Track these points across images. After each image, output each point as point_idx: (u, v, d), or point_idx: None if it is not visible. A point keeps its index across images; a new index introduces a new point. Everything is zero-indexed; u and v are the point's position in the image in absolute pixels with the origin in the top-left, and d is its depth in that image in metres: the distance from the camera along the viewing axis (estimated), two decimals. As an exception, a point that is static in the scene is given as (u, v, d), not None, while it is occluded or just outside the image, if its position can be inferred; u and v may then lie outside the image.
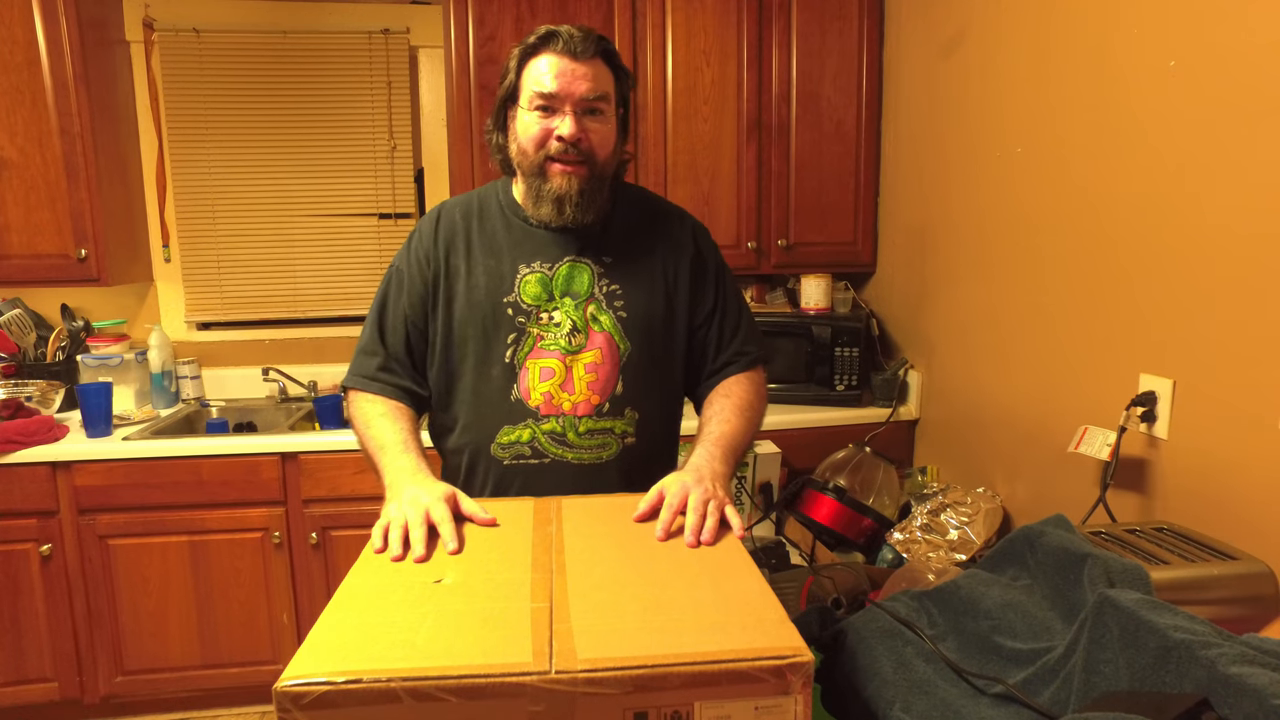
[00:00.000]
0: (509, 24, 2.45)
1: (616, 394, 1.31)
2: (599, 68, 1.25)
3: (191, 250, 2.79)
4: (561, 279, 1.31)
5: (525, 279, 1.31)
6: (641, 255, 1.35)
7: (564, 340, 1.29)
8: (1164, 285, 1.55)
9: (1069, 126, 1.79)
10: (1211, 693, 0.74)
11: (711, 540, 1.00)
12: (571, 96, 1.22)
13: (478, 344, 1.30)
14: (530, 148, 1.25)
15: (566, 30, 1.23)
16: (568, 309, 1.30)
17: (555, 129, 1.23)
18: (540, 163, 1.26)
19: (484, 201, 1.37)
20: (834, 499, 1.96)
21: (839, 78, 2.60)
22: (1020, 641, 0.97)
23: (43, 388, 2.46)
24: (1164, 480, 1.57)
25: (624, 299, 1.32)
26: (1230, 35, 1.39)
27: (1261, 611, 1.11)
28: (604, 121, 1.26)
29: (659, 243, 1.37)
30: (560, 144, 1.23)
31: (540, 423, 1.28)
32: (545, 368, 1.29)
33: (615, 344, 1.31)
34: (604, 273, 1.32)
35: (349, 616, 0.79)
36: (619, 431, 1.31)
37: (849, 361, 2.56)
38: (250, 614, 2.36)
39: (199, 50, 2.69)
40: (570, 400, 1.29)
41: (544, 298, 1.30)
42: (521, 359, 1.29)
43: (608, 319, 1.31)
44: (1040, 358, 1.92)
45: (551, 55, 1.23)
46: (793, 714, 0.70)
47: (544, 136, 1.24)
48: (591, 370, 1.29)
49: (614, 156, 1.30)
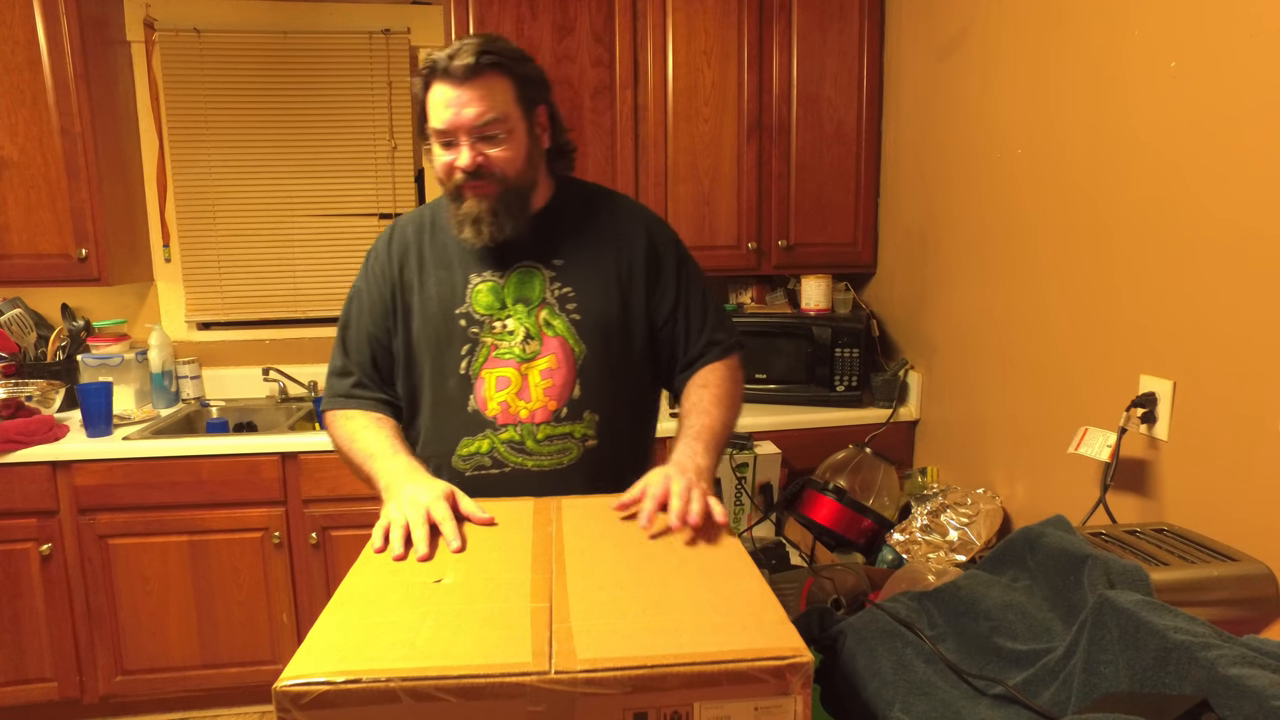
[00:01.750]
0: (509, 24, 2.45)
1: (574, 398, 1.29)
2: (489, 84, 1.21)
3: (192, 250, 2.79)
4: (513, 286, 1.30)
5: (477, 289, 1.30)
6: (594, 255, 1.33)
7: (518, 348, 1.28)
8: (1164, 286, 1.55)
9: (1069, 128, 1.79)
10: (1211, 694, 0.74)
11: (698, 522, 1.00)
12: (463, 127, 1.20)
13: (434, 357, 1.31)
14: (443, 178, 1.26)
15: (446, 57, 1.20)
16: (520, 316, 1.29)
17: (455, 161, 1.23)
18: (454, 189, 1.26)
19: (436, 214, 1.36)
20: (834, 500, 1.96)
21: (839, 78, 2.60)
22: (1020, 642, 0.97)
23: (43, 387, 2.46)
24: (1164, 481, 1.57)
25: (577, 301, 1.30)
26: (1231, 36, 1.39)
27: (1261, 613, 1.11)
28: (503, 142, 1.23)
29: (611, 241, 1.35)
30: (462, 174, 1.23)
31: (498, 432, 1.27)
32: (501, 377, 1.28)
33: (570, 348, 1.30)
34: (555, 276, 1.31)
35: (349, 616, 0.79)
36: (579, 435, 1.29)
37: (849, 362, 2.56)
38: (250, 614, 2.36)
39: (199, 50, 2.70)
40: (527, 408, 1.28)
41: (496, 306, 1.30)
42: (477, 369, 1.29)
43: (561, 323, 1.30)
44: (1040, 359, 1.92)
45: (439, 85, 1.21)
46: (793, 714, 0.70)
47: (448, 169, 1.24)
48: (547, 376, 1.28)
49: (529, 167, 1.28)
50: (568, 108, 2.51)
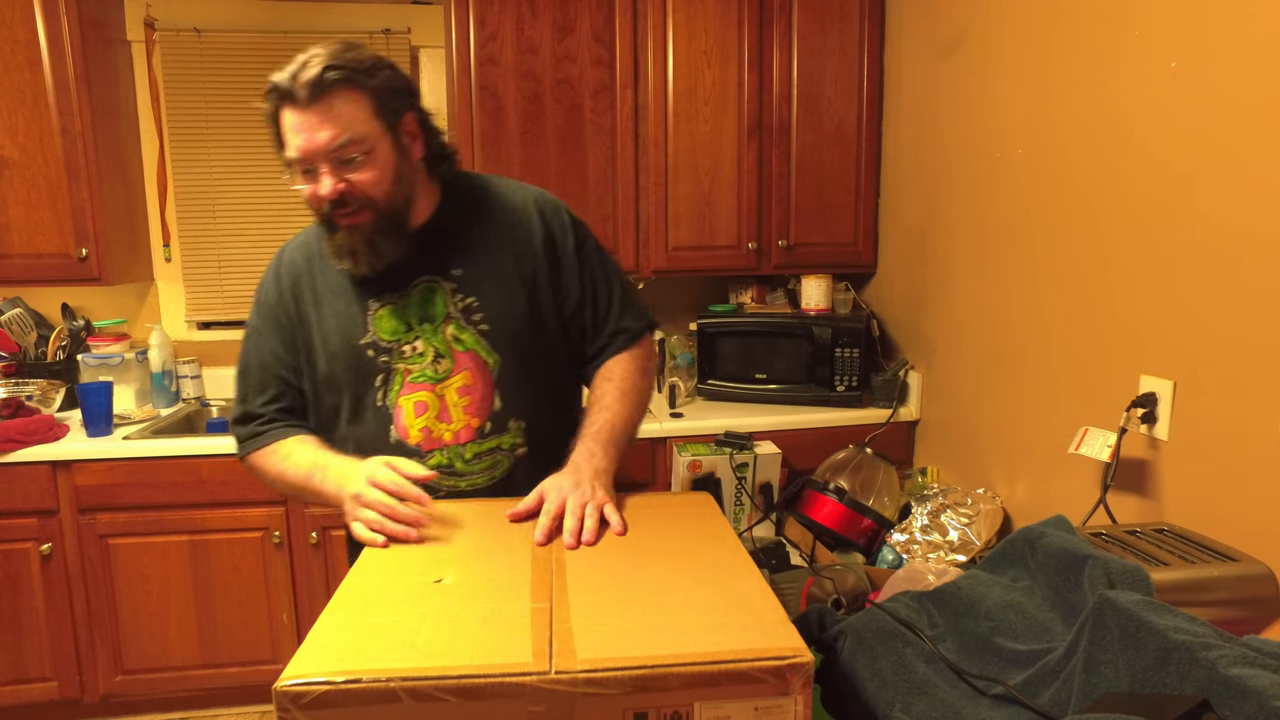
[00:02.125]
0: (510, 24, 2.45)
1: (496, 410, 1.24)
2: (340, 103, 1.11)
3: (192, 250, 2.79)
4: (415, 305, 1.23)
5: (378, 315, 1.23)
6: (492, 259, 1.26)
7: (430, 369, 1.22)
8: (1165, 287, 1.55)
9: (1069, 128, 1.79)
10: (1212, 694, 0.74)
11: (592, 541, 0.98)
12: (318, 153, 1.11)
13: (346, 393, 1.24)
14: (312, 208, 1.18)
15: (288, 78, 1.10)
16: (427, 335, 1.23)
17: (318, 190, 1.14)
18: (325, 217, 1.18)
19: (321, 241, 1.26)
20: (834, 500, 1.96)
21: (840, 79, 2.60)
22: (1020, 643, 0.97)
23: (43, 387, 2.46)
24: (1164, 482, 1.57)
25: (482, 311, 1.24)
26: (1231, 37, 1.39)
27: (1262, 613, 1.11)
28: (365, 164, 1.14)
29: (508, 239, 1.27)
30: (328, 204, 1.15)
31: (425, 459, 1.22)
32: (418, 401, 1.23)
33: (483, 360, 1.24)
34: (456, 288, 1.24)
35: (349, 616, 0.79)
36: (508, 446, 1.26)
37: (849, 362, 2.56)
38: (250, 613, 2.36)
39: (200, 50, 2.70)
40: (450, 429, 1.23)
41: (402, 330, 1.23)
42: (394, 399, 1.23)
43: (470, 336, 1.24)
44: (1041, 359, 1.92)
45: (286, 111, 1.12)
46: (793, 714, 0.70)
47: (313, 198, 1.16)
48: (464, 393, 1.23)
49: (399, 185, 1.18)
50: (568, 107, 2.51)
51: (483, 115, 2.47)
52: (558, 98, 2.50)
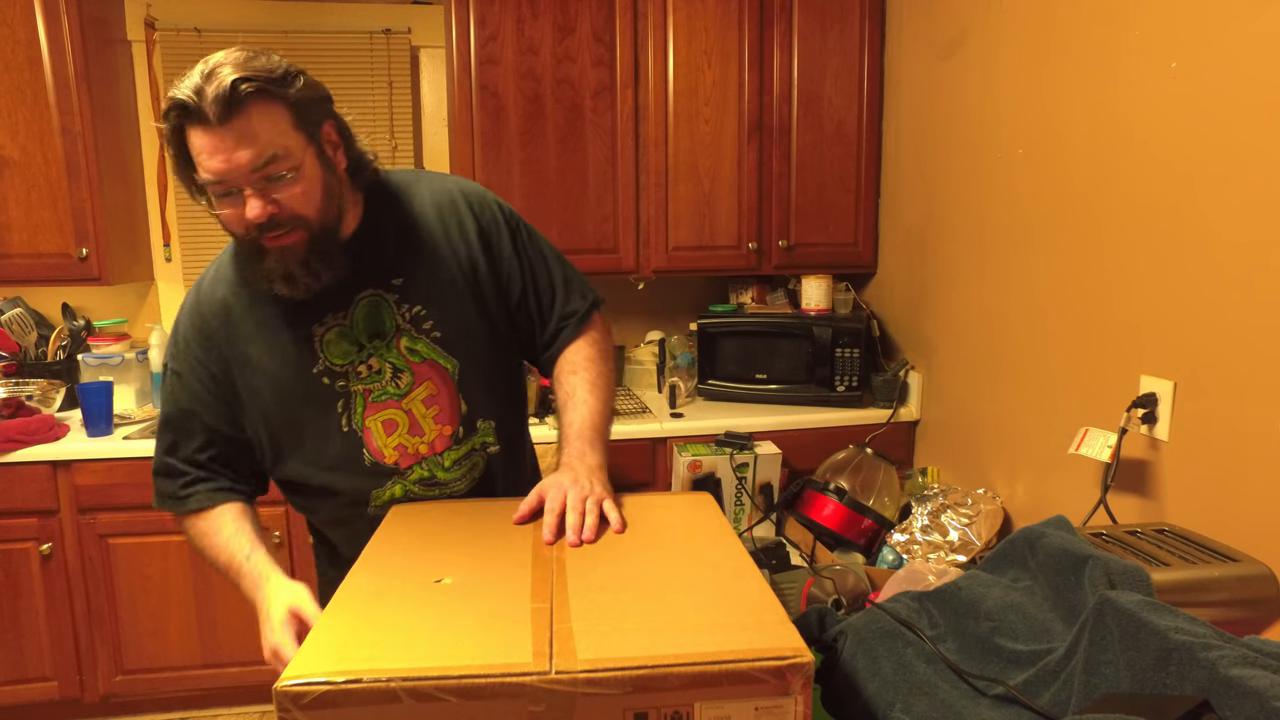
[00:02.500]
0: (510, 24, 2.45)
1: (464, 414, 1.22)
2: (258, 118, 1.01)
3: (192, 250, 2.79)
4: (362, 322, 1.16)
5: (326, 339, 1.16)
6: (430, 261, 1.20)
7: (390, 386, 1.18)
8: (1165, 287, 1.55)
9: (1070, 128, 1.79)
10: (1212, 694, 0.74)
11: (593, 538, 0.97)
12: (238, 174, 1.01)
13: (306, 425, 1.18)
14: (235, 232, 1.08)
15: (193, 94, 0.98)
16: (380, 352, 1.17)
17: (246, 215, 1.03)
18: (250, 243, 1.08)
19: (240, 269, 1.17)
20: (834, 500, 1.95)
21: (840, 79, 2.60)
22: (1021, 643, 0.97)
23: (43, 387, 2.46)
24: (1165, 482, 1.57)
25: (432, 319, 1.19)
26: (1231, 37, 1.39)
27: (1262, 613, 1.11)
28: (292, 181, 1.04)
29: (442, 240, 1.21)
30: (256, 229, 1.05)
31: (406, 475, 1.20)
32: (386, 420, 1.18)
33: (442, 368, 1.20)
34: (400, 298, 1.18)
35: (349, 616, 0.79)
36: (480, 446, 1.25)
37: (849, 362, 2.56)
38: (250, 613, 2.33)
39: (200, 50, 2.69)
40: (424, 442, 1.20)
41: (353, 350, 1.16)
42: (360, 422, 1.18)
43: (424, 346, 1.19)
44: (1041, 359, 1.92)
45: (194, 131, 1.00)
46: (793, 715, 0.70)
47: (237, 222, 1.05)
48: (431, 404, 1.20)
49: (329, 198, 1.10)
50: (568, 107, 2.51)
51: (483, 115, 2.47)
52: (558, 98, 2.50)
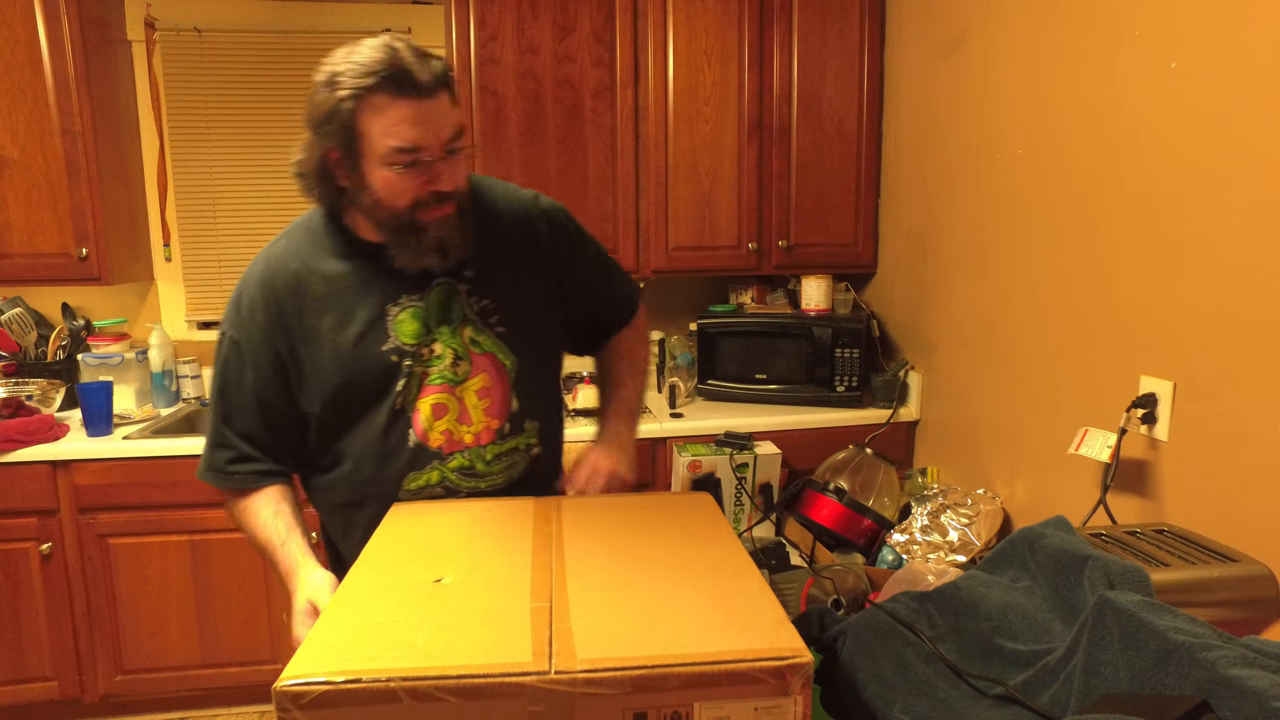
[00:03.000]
0: (510, 24, 2.45)
1: (514, 411, 1.25)
2: (448, 98, 1.11)
3: (192, 249, 2.79)
4: (434, 308, 1.21)
5: (399, 319, 1.19)
6: (504, 260, 1.25)
7: (448, 371, 1.20)
8: (1164, 287, 1.55)
9: (1070, 128, 1.79)
10: (1212, 695, 0.74)
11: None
12: (437, 144, 1.09)
13: (365, 401, 1.20)
14: (398, 204, 1.12)
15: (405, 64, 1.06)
16: (445, 338, 1.21)
17: (428, 182, 1.11)
18: (409, 218, 1.13)
19: (315, 244, 1.21)
20: (834, 500, 1.95)
21: (840, 79, 2.60)
22: (1020, 643, 0.97)
23: (43, 386, 2.46)
24: (1164, 482, 1.57)
25: (498, 314, 1.24)
26: (1231, 37, 1.39)
27: (1262, 614, 1.11)
28: (464, 156, 1.14)
29: (518, 240, 1.27)
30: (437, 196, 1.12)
31: (446, 462, 1.21)
32: (436, 403, 1.21)
33: (500, 362, 1.23)
34: (471, 289, 1.23)
35: (348, 616, 0.79)
36: (524, 446, 1.27)
37: (849, 362, 2.56)
38: (250, 613, 2.36)
39: (200, 50, 2.70)
40: (470, 432, 1.22)
41: (422, 333, 1.20)
42: (411, 401, 1.20)
43: (487, 339, 1.23)
44: (1040, 359, 1.92)
45: (397, 99, 1.07)
46: (792, 715, 0.70)
47: (415, 192, 1.11)
48: (483, 396, 1.22)
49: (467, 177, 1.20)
50: (568, 107, 2.51)
51: (483, 115, 2.47)
52: (558, 98, 2.50)
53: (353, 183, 1.13)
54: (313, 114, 1.12)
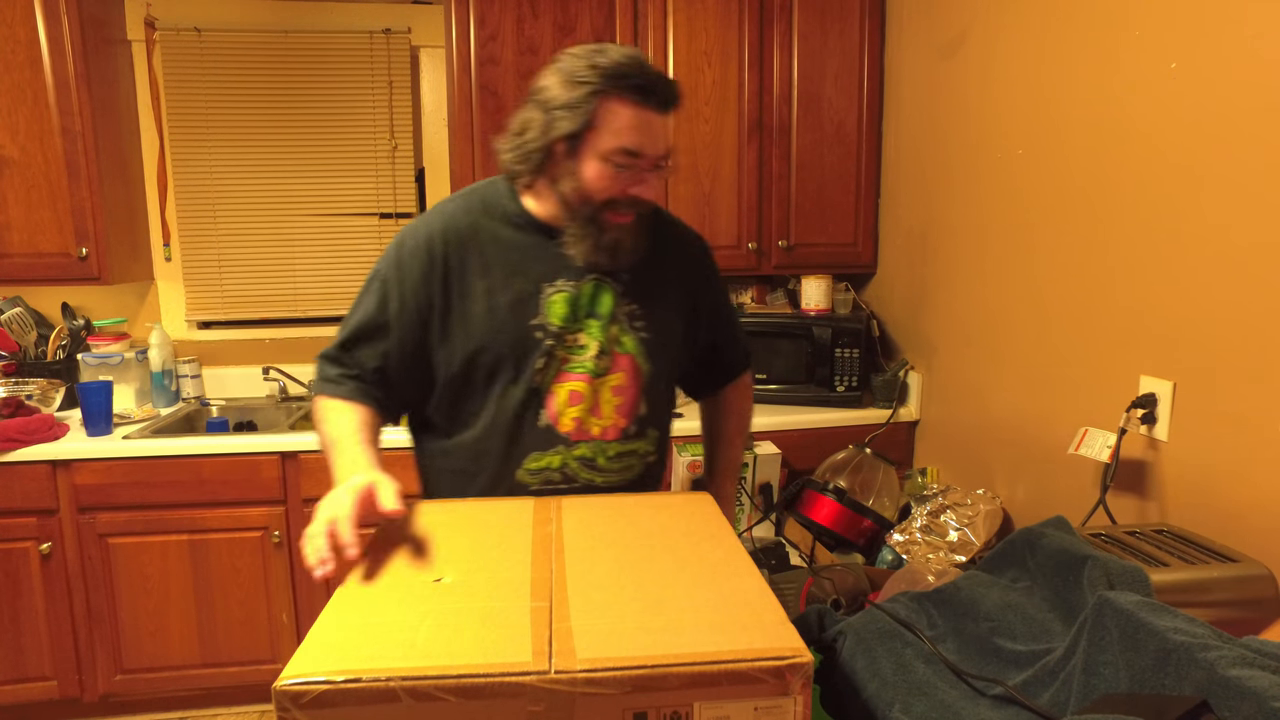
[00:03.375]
0: (510, 23, 2.45)
1: (641, 415, 1.29)
2: (672, 116, 1.19)
3: (192, 249, 2.79)
4: (587, 299, 1.26)
5: (552, 299, 1.24)
6: (658, 275, 1.31)
7: (590, 363, 1.25)
8: (1165, 288, 1.55)
9: (1070, 128, 1.79)
10: (1211, 695, 0.74)
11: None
12: (655, 156, 1.18)
13: (503, 368, 1.23)
14: (597, 196, 1.18)
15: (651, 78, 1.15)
16: (593, 331, 1.26)
17: (632, 188, 1.18)
18: (599, 211, 1.19)
19: (489, 209, 1.26)
20: (834, 500, 1.95)
21: (840, 79, 2.60)
22: (1020, 643, 0.97)
23: (43, 386, 2.46)
24: (1164, 482, 1.57)
25: (644, 320, 1.29)
26: (1232, 38, 1.39)
27: (1261, 614, 1.11)
28: (667, 174, 1.24)
29: (673, 261, 1.34)
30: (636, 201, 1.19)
31: (572, 449, 1.25)
32: (573, 391, 1.25)
33: (639, 366, 1.29)
34: (624, 293, 1.28)
35: (348, 616, 0.79)
36: (642, 452, 1.30)
37: (849, 362, 2.56)
38: (250, 613, 2.36)
39: (200, 49, 2.70)
40: (599, 425, 1.26)
41: (570, 319, 1.25)
42: (549, 383, 1.24)
43: (631, 341, 1.28)
44: (1041, 359, 1.92)
45: (637, 106, 1.14)
46: (792, 715, 0.70)
47: (617, 191, 1.18)
48: (618, 393, 1.27)
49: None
50: (568, 107, 2.51)
51: (483, 115, 2.47)
52: (558, 98, 2.50)
53: (565, 166, 1.19)
54: (552, 97, 1.17)
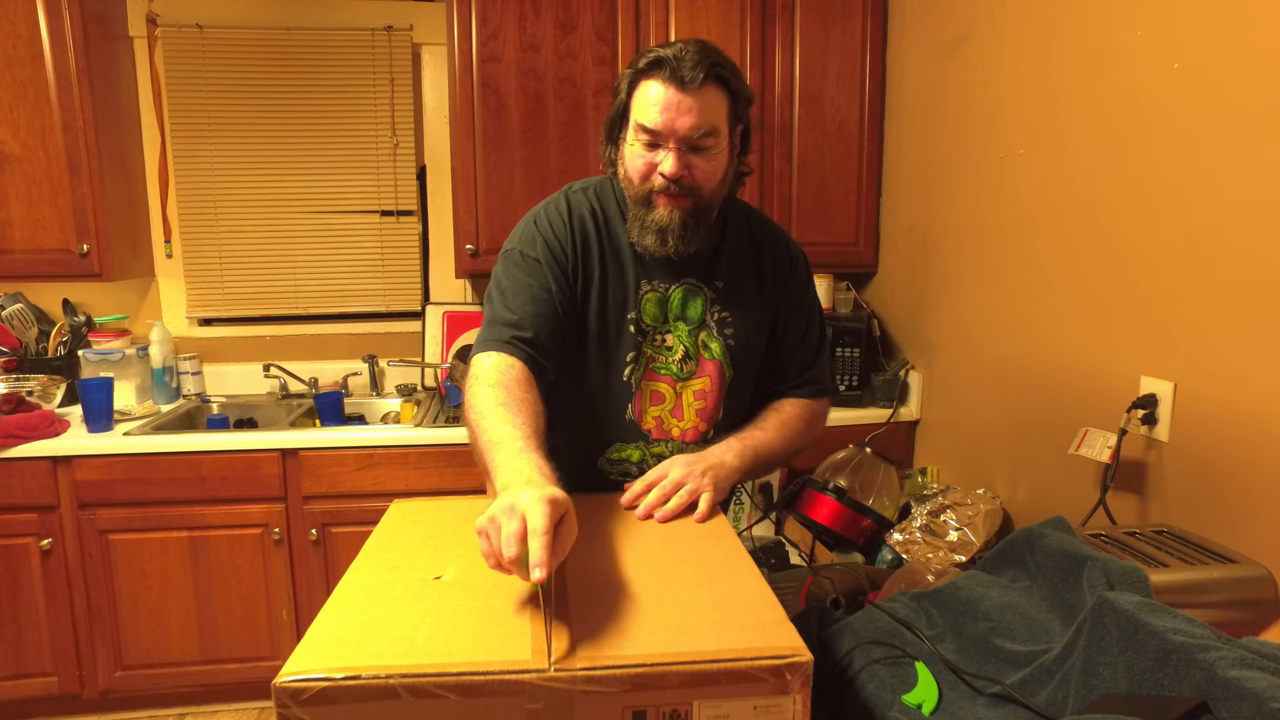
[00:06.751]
0: (512, 20, 2.45)
1: (719, 420, 1.31)
2: (709, 96, 1.16)
3: (193, 246, 2.79)
4: (676, 303, 1.28)
5: (646, 297, 1.27)
6: (750, 282, 1.32)
7: (675, 366, 1.28)
8: (1166, 288, 1.55)
9: (1071, 128, 1.79)
10: (1210, 696, 0.74)
11: (664, 520, 1.04)
12: (676, 133, 1.16)
13: (603, 356, 1.27)
14: (635, 178, 1.21)
15: (675, 55, 1.14)
16: (681, 334, 1.28)
17: (659, 164, 1.18)
18: (645, 193, 1.21)
19: (605, 203, 1.29)
20: (834, 499, 1.95)
21: (842, 78, 2.60)
22: (1019, 643, 0.97)
23: (44, 382, 2.46)
24: (1164, 483, 1.57)
25: (733, 327, 1.30)
26: (1234, 38, 1.39)
27: (1260, 615, 1.11)
28: (710, 156, 1.19)
29: (766, 270, 1.34)
30: (663, 180, 1.18)
31: (651, 445, 1.29)
32: (656, 391, 1.28)
33: (723, 371, 1.30)
34: (715, 299, 1.29)
35: (348, 613, 0.79)
36: None
37: (850, 362, 2.56)
38: (250, 610, 2.36)
39: (202, 46, 2.69)
40: (679, 426, 1.29)
41: (660, 319, 1.28)
42: (638, 379, 1.28)
43: (718, 346, 1.30)
44: (1041, 359, 1.92)
45: (659, 84, 1.16)
46: (791, 714, 0.70)
47: (648, 170, 1.19)
48: (700, 397, 1.30)
49: (723, 185, 1.24)
50: (570, 105, 2.51)
51: (485, 113, 2.47)
52: (560, 96, 2.50)
53: (615, 151, 1.25)
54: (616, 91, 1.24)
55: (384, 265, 2.88)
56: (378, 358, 2.87)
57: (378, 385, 2.87)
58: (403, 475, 2.34)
